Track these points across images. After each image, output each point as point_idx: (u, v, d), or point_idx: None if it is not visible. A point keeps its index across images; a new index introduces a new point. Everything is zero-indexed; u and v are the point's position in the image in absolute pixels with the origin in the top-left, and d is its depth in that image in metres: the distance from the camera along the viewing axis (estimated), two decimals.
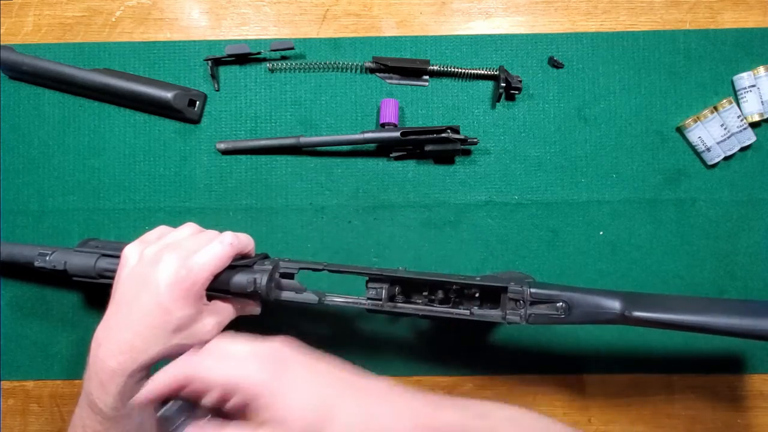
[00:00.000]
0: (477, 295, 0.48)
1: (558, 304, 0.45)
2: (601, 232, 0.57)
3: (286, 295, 0.47)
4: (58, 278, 0.52)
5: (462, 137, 0.55)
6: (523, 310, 0.45)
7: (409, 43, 0.58)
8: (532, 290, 0.45)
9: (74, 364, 0.57)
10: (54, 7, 0.59)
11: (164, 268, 0.41)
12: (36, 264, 0.51)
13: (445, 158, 0.58)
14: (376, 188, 0.58)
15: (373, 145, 0.58)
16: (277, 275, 0.47)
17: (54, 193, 0.58)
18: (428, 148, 0.55)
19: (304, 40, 0.59)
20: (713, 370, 0.56)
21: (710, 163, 0.57)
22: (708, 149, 0.56)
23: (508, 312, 0.45)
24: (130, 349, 0.41)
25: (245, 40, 0.58)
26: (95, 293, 0.57)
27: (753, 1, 0.58)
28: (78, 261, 0.49)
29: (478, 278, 0.47)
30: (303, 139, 0.56)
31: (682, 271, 0.57)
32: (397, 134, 0.55)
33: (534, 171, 0.58)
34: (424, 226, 0.57)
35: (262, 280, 0.45)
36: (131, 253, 0.44)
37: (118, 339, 0.41)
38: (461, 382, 0.57)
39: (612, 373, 0.57)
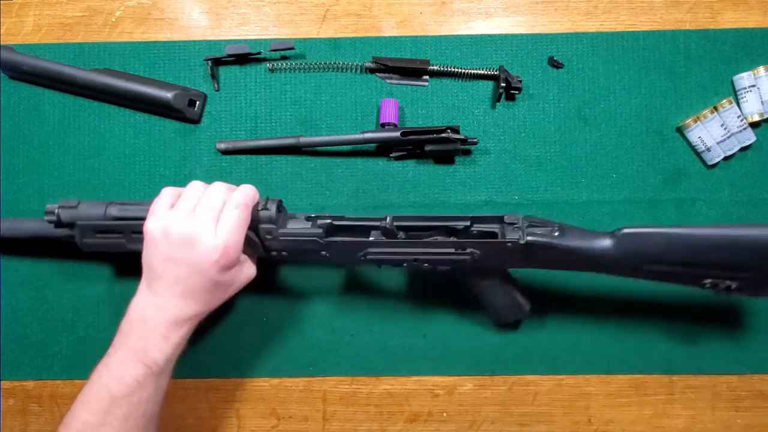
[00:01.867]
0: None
1: (552, 228, 0.48)
2: None
3: (293, 224, 0.50)
4: (63, 248, 0.53)
5: (462, 137, 0.55)
6: (521, 231, 0.48)
7: (409, 43, 0.58)
8: (527, 215, 0.49)
9: (74, 364, 0.57)
10: (54, 7, 0.59)
11: (203, 250, 0.44)
12: (46, 219, 0.51)
13: (445, 158, 0.58)
14: (376, 188, 0.58)
15: (373, 145, 0.58)
16: (283, 209, 0.51)
17: (54, 193, 0.58)
18: (428, 148, 0.55)
19: (304, 40, 0.59)
20: (713, 370, 0.56)
21: (710, 163, 0.57)
22: (708, 149, 0.56)
23: (507, 233, 0.48)
24: (187, 307, 0.46)
25: (245, 40, 0.58)
26: (94, 291, 0.57)
27: (753, 1, 0.58)
28: (88, 209, 0.50)
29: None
30: (303, 139, 0.56)
31: None
32: (397, 134, 0.55)
33: (534, 171, 0.58)
34: None
35: (272, 207, 0.49)
36: (154, 228, 0.46)
37: (176, 305, 0.46)
38: (461, 382, 0.57)
39: (612, 373, 0.57)
